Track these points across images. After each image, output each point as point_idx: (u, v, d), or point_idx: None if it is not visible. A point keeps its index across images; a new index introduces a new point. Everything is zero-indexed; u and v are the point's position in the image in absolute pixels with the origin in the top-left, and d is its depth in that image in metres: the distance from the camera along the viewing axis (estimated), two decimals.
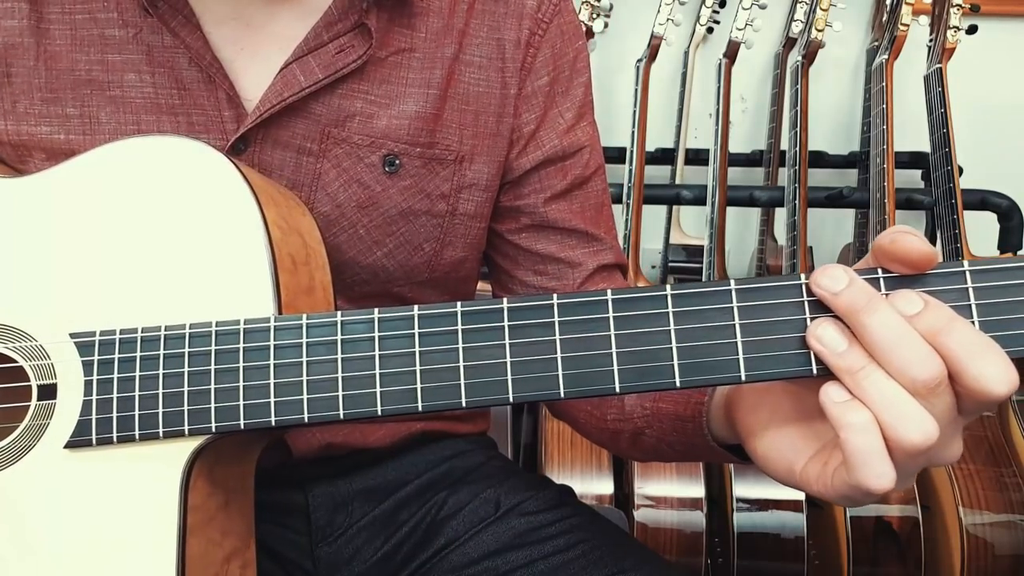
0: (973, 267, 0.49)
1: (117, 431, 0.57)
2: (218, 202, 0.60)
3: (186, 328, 0.57)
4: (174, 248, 0.60)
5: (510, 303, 0.53)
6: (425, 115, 0.72)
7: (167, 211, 0.60)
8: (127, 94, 0.68)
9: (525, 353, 0.53)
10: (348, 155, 0.71)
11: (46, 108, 0.68)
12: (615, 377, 0.52)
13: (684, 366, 0.51)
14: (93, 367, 0.58)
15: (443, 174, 0.73)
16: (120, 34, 0.68)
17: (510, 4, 0.75)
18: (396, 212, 0.73)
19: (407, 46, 0.72)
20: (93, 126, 0.69)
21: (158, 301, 0.59)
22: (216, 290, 0.59)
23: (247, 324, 0.57)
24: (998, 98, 2.17)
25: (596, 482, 1.51)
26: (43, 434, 0.59)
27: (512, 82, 0.75)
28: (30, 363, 0.59)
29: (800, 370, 0.50)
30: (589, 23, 1.98)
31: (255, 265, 0.59)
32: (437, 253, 0.76)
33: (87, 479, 0.58)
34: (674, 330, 0.52)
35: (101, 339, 0.58)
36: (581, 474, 1.51)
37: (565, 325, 0.53)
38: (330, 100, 0.70)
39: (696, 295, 0.52)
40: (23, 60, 0.68)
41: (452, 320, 0.54)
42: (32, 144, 0.69)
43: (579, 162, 0.79)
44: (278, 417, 0.55)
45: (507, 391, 0.53)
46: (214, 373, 0.57)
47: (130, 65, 0.68)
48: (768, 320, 0.51)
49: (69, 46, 0.68)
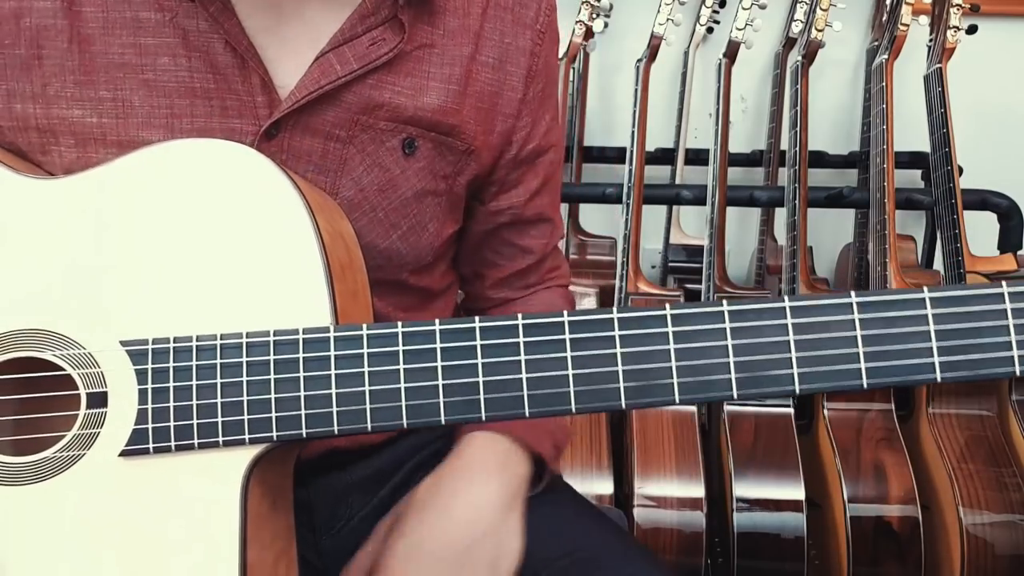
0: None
1: (175, 439, 0.57)
2: (269, 209, 0.60)
3: (243, 337, 0.58)
4: (224, 255, 0.60)
5: (570, 317, 0.55)
6: (446, 109, 0.74)
7: (216, 217, 0.60)
8: (160, 77, 0.68)
9: (585, 365, 0.55)
10: (372, 140, 0.73)
11: (79, 91, 0.68)
12: (675, 389, 0.54)
13: (741, 379, 0.54)
14: (148, 376, 0.58)
15: (450, 159, 0.76)
16: (155, 17, 0.68)
17: (516, 12, 0.78)
18: (411, 193, 0.75)
19: (428, 42, 0.74)
20: (126, 109, 0.68)
21: (208, 309, 0.59)
22: (269, 298, 0.59)
23: (306, 334, 0.57)
24: (998, 98, 2.17)
25: (596, 482, 1.51)
26: (94, 442, 0.58)
27: (519, 87, 0.78)
28: (78, 371, 0.59)
29: (851, 384, 0.54)
30: (589, 23, 1.98)
31: (309, 273, 0.59)
32: (438, 232, 0.79)
33: (143, 486, 0.58)
34: (731, 344, 0.54)
35: (154, 347, 0.58)
36: (581, 473, 1.51)
37: (625, 339, 0.55)
38: (361, 90, 0.71)
39: (752, 311, 0.54)
40: (55, 42, 0.67)
41: (514, 332, 0.56)
42: (61, 128, 0.68)
43: (548, 158, 0.84)
44: (341, 426, 0.56)
45: (569, 402, 0.55)
46: (274, 382, 0.57)
47: (164, 48, 0.68)
48: (821, 336, 0.54)
49: (102, 28, 0.68)
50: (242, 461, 0.57)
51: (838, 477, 1.42)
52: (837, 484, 1.43)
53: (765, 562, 1.44)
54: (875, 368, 0.54)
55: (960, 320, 0.54)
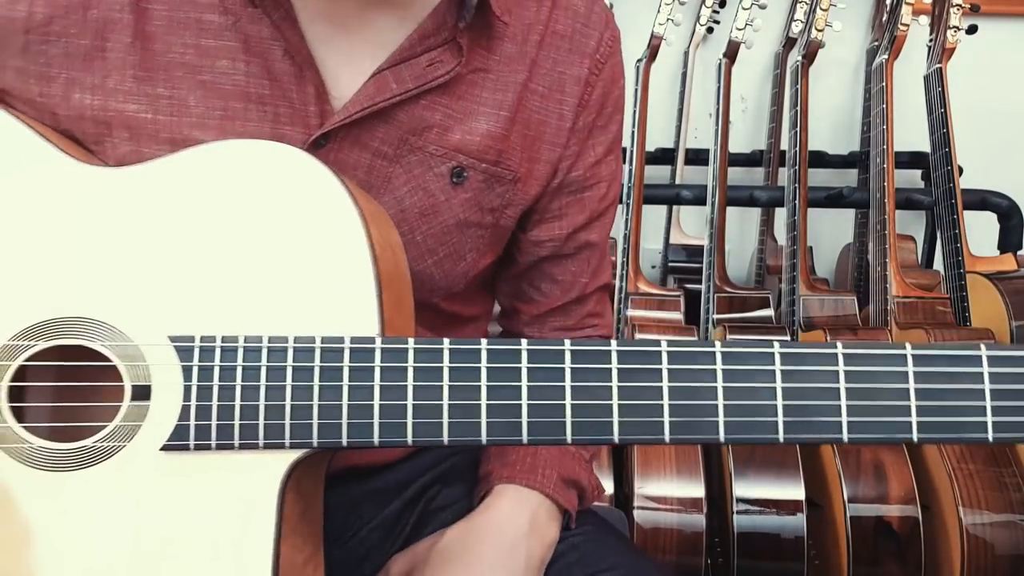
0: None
1: (216, 438, 0.57)
2: (322, 215, 0.60)
3: (289, 342, 0.58)
4: (275, 257, 0.60)
5: (619, 346, 0.56)
6: (495, 134, 0.74)
7: (269, 219, 0.60)
8: (217, 79, 0.69)
9: (632, 396, 0.55)
10: (420, 163, 0.73)
11: (137, 86, 0.68)
12: (720, 428, 0.55)
13: (789, 424, 0.54)
14: (193, 372, 0.58)
15: (499, 190, 0.76)
16: (219, 20, 0.68)
17: (574, 41, 0.77)
18: (453, 222, 0.75)
19: (483, 66, 0.74)
20: (181, 108, 0.69)
21: (256, 309, 0.59)
22: (317, 303, 0.59)
23: (353, 343, 0.57)
24: (998, 98, 2.17)
25: None
26: (135, 435, 0.58)
27: (568, 115, 0.77)
28: (124, 363, 0.59)
29: (901, 436, 0.54)
30: None
31: (359, 282, 0.59)
32: (474, 263, 0.78)
33: (180, 482, 0.58)
34: (780, 387, 0.55)
35: (202, 345, 0.58)
36: None
37: (673, 373, 0.55)
38: (413, 109, 0.71)
39: (803, 355, 0.55)
40: (120, 36, 0.68)
41: (560, 357, 0.56)
42: (117, 121, 0.68)
43: (596, 194, 0.82)
44: (382, 438, 0.56)
45: (612, 432, 0.55)
46: (318, 389, 0.57)
47: (224, 51, 0.68)
48: (873, 386, 0.54)
49: (166, 27, 0.68)
50: (281, 464, 0.58)
51: (838, 477, 1.42)
52: (837, 484, 1.43)
53: (765, 562, 1.44)
54: (927, 423, 0.54)
55: (1016, 381, 0.55)
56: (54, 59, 0.67)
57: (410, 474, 0.84)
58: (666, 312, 1.77)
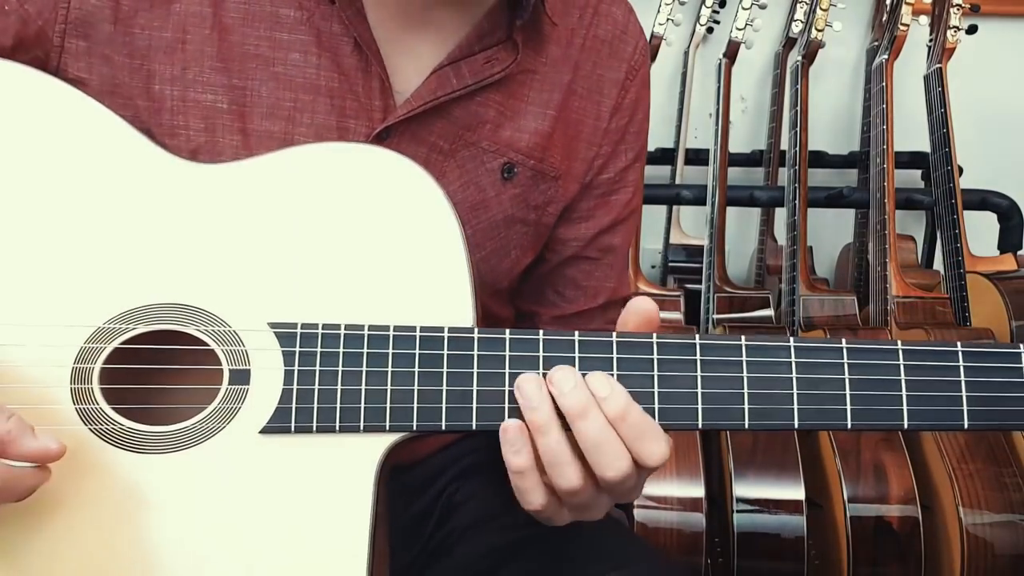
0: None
1: (317, 421, 0.59)
2: (418, 213, 0.63)
3: (390, 330, 0.60)
4: (371, 252, 0.62)
5: (701, 340, 0.60)
6: (542, 132, 0.77)
7: (366, 217, 0.63)
8: (289, 71, 0.71)
9: (712, 386, 0.60)
10: (473, 158, 0.75)
11: (214, 77, 0.70)
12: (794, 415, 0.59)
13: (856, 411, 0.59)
14: (295, 357, 0.60)
15: (542, 187, 0.78)
16: (294, 15, 0.71)
17: (614, 46, 0.81)
18: (501, 218, 0.77)
19: (531, 67, 0.77)
20: (253, 99, 0.71)
21: (355, 301, 0.61)
22: (414, 296, 0.62)
23: (451, 332, 0.60)
24: (998, 98, 2.17)
25: None
26: (233, 417, 0.60)
27: (604, 116, 0.80)
28: (222, 348, 0.60)
29: (952, 424, 0.59)
30: None
31: (455, 275, 0.62)
32: (518, 260, 0.80)
33: (280, 464, 0.60)
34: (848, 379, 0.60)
35: (303, 331, 0.60)
36: None
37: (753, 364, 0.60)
38: (468, 105, 0.74)
39: (870, 351, 0.60)
40: (199, 28, 0.70)
41: (648, 349, 0.60)
42: (194, 111, 0.70)
43: (623, 199, 0.84)
44: (479, 422, 0.59)
45: (696, 417, 0.59)
46: (418, 375, 0.59)
47: (297, 45, 0.71)
48: (929, 379, 0.59)
49: (242, 19, 0.70)
50: (379, 448, 0.59)
51: (838, 477, 1.42)
52: (837, 484, 1.42)
53: (765, 562, 1.43)
54: (978, 412, 0.59)
55: None
56: (137, 51, 0.69)
57: (436, 468, 0.85)
58: (666, 312, 1.77)
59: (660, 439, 0.58)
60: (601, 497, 0.61)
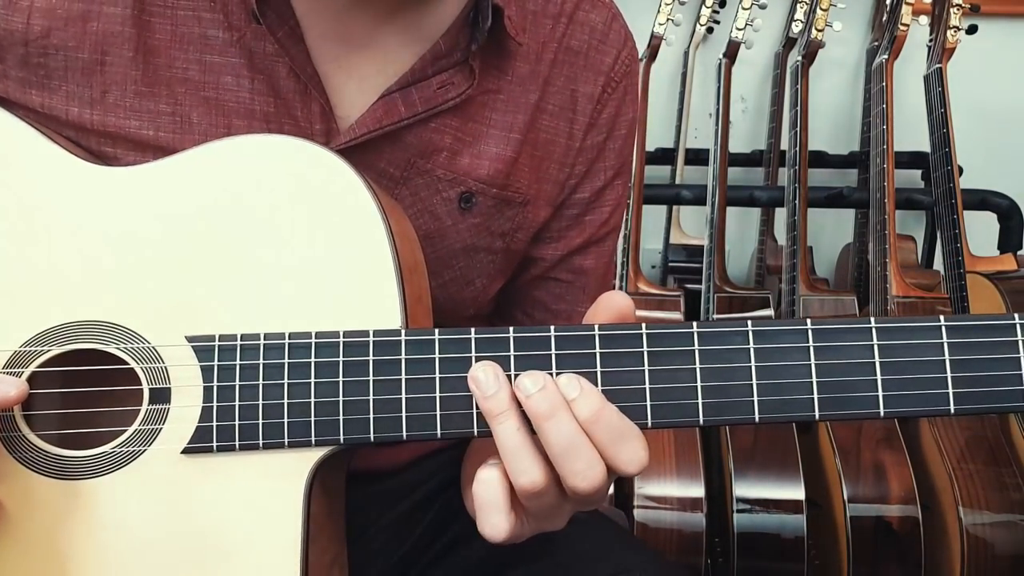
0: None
1: (240, 439, 0.56)
2: (340, 208, 0.59)
3: (312, 337, 0.56)
4: (291, 253, 0.58)
5: (648, 329, 0.55)
6: (504, 157, 0.72)
7: (286, 213, 0.59)
8: (222, 96, 0.67)
9: (663, 380, 0.55)
10: (427, 186, 0.71)
11: (138, 102, 0.66)
12: (755, 407, 0.54)
13: (824, 400, 0.54)
14: (213, 373, 0.57)
15: (508, 214, 0.74)
16: (223, 36, 0.66)
17: (589, 58, 0.75)
18: (460, 247, 0.73)
19: (494, 87, 0.71)
20: (184, 125, 0.67)
21: (275, 306, 0.58)
22: (337, 298, 0.58)
23: (376, 336, 0.56)
24: (998, 98, 2.17)
25: None
26: (155, 439, 0.57)
27: (578, 134, 0.75)
28: (141, 365, 0.58)
29: (938, 409, 0.53)
30: None
31: (381, 274, 0.58)
32: (484, 288, 0.76)
33: (204, 485, 0.57)
34: (814, 365, 0.54)
35: (221, 344, 0.57)
36: None
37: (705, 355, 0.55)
38: (421, 132, 0.70)
39: (836, 331, 0.54)
40: (121, 50, 0.66)
41: (590, 343, 0.55)
42: (120, 136, 0.67)
43: (597, 219, 0.79)
44: (410, 432, 0.55)
45: (645, 416, 0.54)
46: (343, 384, 0.56)
47: (229, 68, 0.67)
48: (908, 359, 0.54)
49: (169, 42, 0.66)
50: (307, 463, 0.56)
51: (838, 477, 1.42)
52: (837, 484, 1.43)
53: (765, 562, 1.44)
54: (964, 394, 0.54)
55: None
56: (54, 72, 0.66)
57: (419, 476, 0.84)
58: (666, 312, 1.77)
59: (639, 444, 0.54)
60: (565, 504, 0.56)
